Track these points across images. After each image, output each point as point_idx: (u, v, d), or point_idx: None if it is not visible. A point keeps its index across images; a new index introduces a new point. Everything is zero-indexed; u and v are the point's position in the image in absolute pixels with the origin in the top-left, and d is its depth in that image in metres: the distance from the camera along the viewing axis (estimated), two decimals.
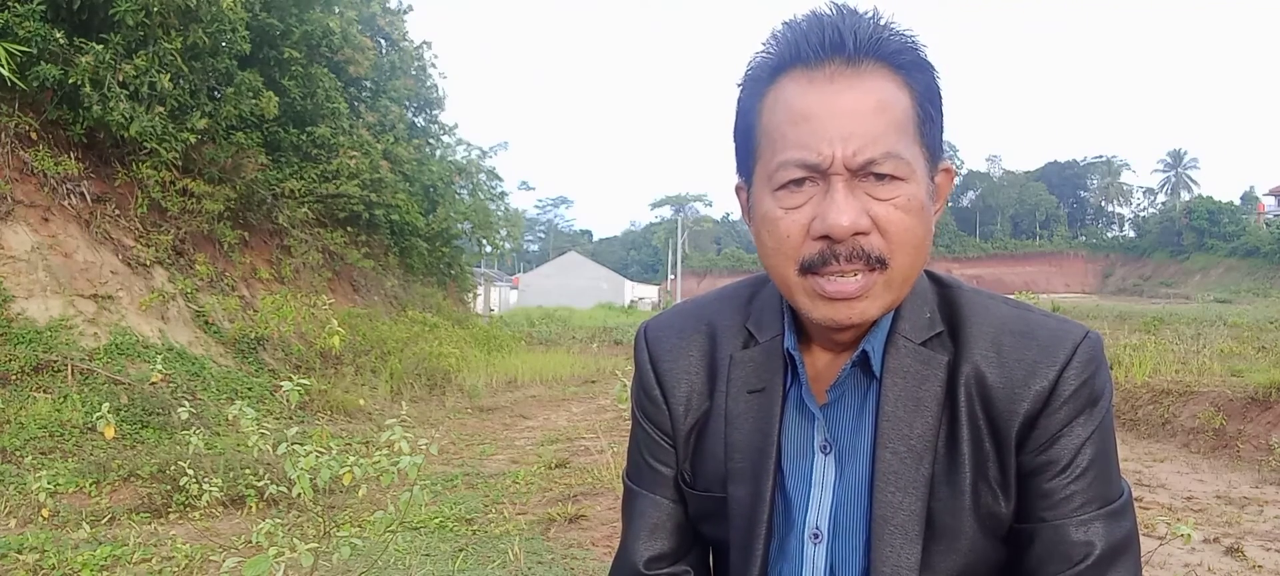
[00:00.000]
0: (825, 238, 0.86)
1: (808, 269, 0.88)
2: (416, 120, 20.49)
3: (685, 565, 1.08)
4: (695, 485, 1.04)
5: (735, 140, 0.97)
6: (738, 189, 0.99)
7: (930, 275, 1.00)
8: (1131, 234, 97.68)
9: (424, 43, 20.52)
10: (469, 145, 22.46)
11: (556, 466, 7.21)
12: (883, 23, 0.87)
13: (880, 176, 0.85)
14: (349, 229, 14.78)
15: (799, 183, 0.87)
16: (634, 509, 1.09)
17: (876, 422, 0.93)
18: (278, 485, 4.76)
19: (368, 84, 17.05)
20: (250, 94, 11.23)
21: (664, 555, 1.07)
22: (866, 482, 0.93)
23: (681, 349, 1.06)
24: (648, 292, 68.03)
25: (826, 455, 0.97)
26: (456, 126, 39.19)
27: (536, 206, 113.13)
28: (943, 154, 0.93)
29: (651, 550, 1.06)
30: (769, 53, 0.91)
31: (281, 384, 3.91)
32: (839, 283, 0.87)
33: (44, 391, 7.19)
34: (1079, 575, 0.89)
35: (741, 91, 0.94)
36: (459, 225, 20.30)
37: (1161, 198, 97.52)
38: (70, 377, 7.44)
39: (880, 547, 0.91)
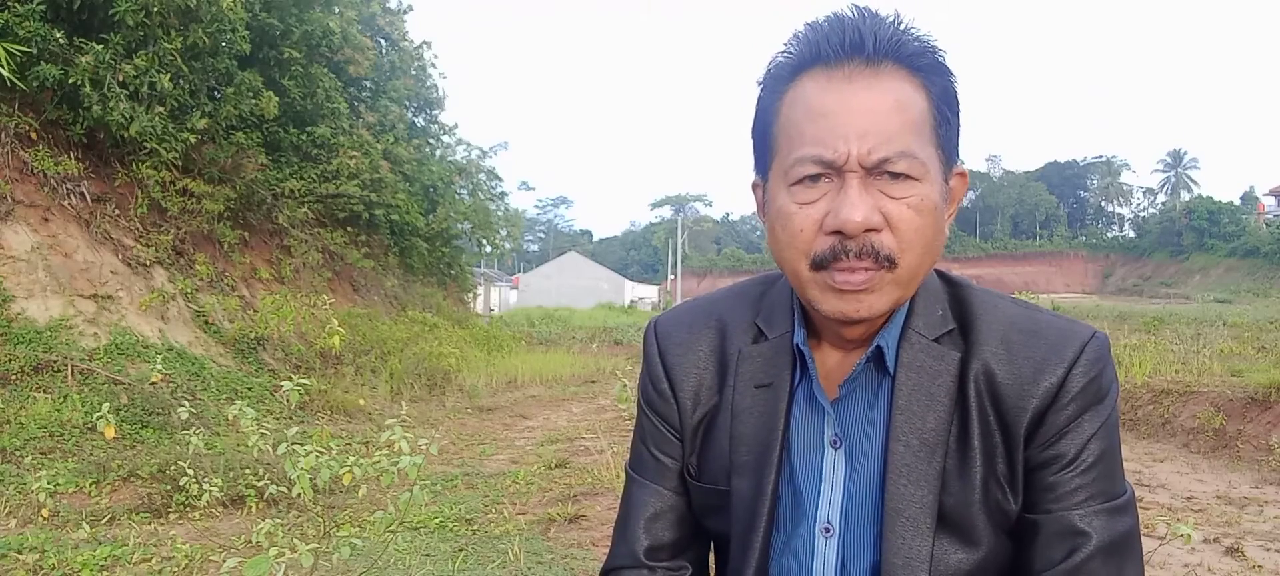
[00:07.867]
0: (837, 233, 0.87)
1: (819, 264, 0.89)
2: (416, 120, 20.48)
3: (684, 561, 1.08)
4: (701, 477, 1.05)
5: (753, 138, 0.97)
6: (754, 186, 1.00)
7: (941, 274, 1.01)
8: (1131, 234, 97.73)
9: (424, 43, 20.54)
10: (469, 145, 22.48)
11: (556, 466, 7.21)
12: (902, 26, 0.88)
13: (894, 175, 0.86)
14: (349, 229, 14.78)
15: (814, 178, 0.88)
16: (635, 499, 1.09)
17: (889, 416, 0.94)
18: (278, 485, 4.76)
19: (368, 84, 17.04)
20: (250, 94, 11.23)
21: (664, 546, 1.07)
22: (878, 477, 0.94)
23: (691, 343, 1.06)
24: (648, 293, 68.01)
25: (837, 449, 0.98)
26: (456, 126, 39.28)
27: (536, 206, 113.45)
28: (958, 158, 0.93)
29: (652, 540, 1.07)
30: (790, 53, 0.91)
31: (281, 384, 3.91)
32: (847, 276, 0.88)
33: (44, 391, 7.18)
34: (1075, 566, 0.89)
35: (762, 90, 0.95)
36: (459, 225, 20.29)
37: (1161, 198, 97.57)
38: (70, 377, 7.44)
39: (891, 539, 0.91)
